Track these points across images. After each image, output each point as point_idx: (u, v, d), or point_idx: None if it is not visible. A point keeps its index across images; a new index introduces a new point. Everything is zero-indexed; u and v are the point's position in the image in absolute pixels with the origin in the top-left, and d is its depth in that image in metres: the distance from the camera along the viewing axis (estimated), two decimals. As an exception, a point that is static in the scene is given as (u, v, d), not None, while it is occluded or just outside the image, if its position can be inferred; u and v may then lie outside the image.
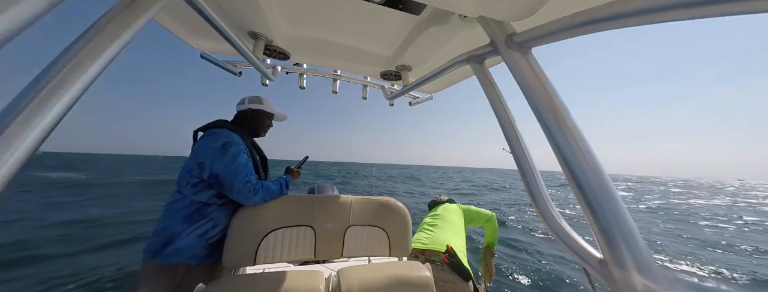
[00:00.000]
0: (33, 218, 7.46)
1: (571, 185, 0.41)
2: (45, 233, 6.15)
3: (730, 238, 8.95)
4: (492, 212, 2.31)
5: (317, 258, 1.49)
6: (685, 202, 19.97)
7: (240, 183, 1.23)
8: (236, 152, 1.27)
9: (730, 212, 15.51)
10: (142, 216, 8.12)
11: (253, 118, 1.53)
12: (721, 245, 7.97)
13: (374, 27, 1.02)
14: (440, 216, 2.18)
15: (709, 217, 13.37)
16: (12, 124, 0.29)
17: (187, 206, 1.25)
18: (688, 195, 26.99)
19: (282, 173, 1.68)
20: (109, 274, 4.18)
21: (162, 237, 1.20)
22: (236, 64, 1.52)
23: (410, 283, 1.30)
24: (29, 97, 0.31)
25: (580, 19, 0.43)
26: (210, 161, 1.22)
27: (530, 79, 0.51)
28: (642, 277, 0.33)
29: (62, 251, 5.15)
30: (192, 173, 1.26)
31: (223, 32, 0.82)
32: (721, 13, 0.28)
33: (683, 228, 10.18)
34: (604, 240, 0.37)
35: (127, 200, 10.93)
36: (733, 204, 20.81)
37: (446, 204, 2.40)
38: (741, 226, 11.48)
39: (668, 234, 9.04)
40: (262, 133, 1.59)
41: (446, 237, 1.93)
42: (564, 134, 0.44)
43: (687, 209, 15.74)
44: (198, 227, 1.24)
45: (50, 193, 12.37)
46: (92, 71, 0.37)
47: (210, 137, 1.29)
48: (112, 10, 0.42)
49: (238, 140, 1.33)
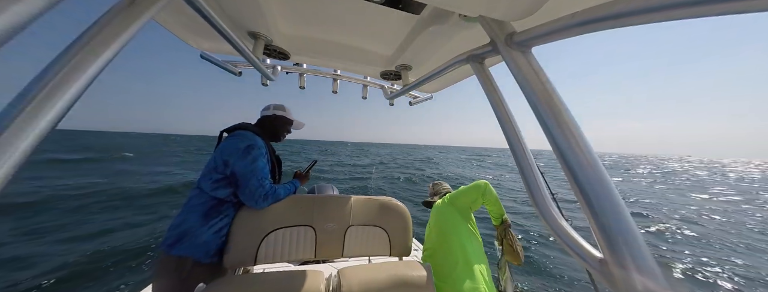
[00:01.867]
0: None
1: (571, 184, 0.41)
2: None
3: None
4: (480, 180, 1.83)
5: (318, 258, 1.49)
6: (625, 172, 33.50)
7: (253, 186, 1.29)
8: (257, 155, 1.35)
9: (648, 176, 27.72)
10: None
11: (275, 123, 1.65)
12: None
13: (374, 27, 1.02)
14: (436, 227, 1.77)
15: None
16: (12, 125, 0.29)
17: (205, 202, 1.30)
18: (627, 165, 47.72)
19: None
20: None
21: (178, 231, 1.25)
22: (236, 64, 1.52)
23: (410, 283, 1.30)
24: (29, 97, 0.31)
25: (580, 19, 0.42)
26: (233, 160, 1.30)
27: (530, 78, 0.51)
28: (642, 277, 0.33)
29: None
30: (217, 169, 1.33)
31: (223, 32, 0.82)
32: (720, 13, 0.28)
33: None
34: (604, 240, 0.37)
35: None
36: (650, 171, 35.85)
37: (436, 205, 1.91)
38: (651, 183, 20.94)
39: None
40: (281, 139, 1.71)
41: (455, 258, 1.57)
42: (564, 134, 0.44)
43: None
44: (214, 224, 1.29)
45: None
46: (92, 71, 0.37)
47: (236, 138, 1.38)
48: (112, 10, 0.42)
49: (261, 144, 1.41)
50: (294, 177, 1.68)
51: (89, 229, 5.84)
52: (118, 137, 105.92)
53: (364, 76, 1.83)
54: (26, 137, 0.30)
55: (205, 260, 1.26)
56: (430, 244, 1.74)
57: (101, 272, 4.18)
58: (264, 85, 1.77)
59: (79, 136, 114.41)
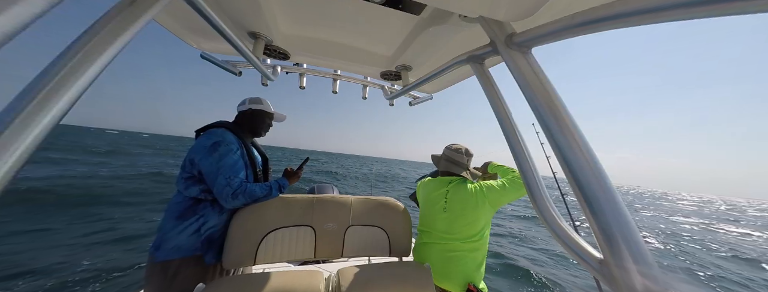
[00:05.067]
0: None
1: (571, 184, 0.41)
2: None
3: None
4: (515, 171, 1.53)
5: (317, 258, 1.49)
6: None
7: (220, 185, 1.25)
8: (225, 151, 1.30)
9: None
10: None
11: (253, 117, 1.58)
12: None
13: (374, 27, 1.02)
14: (459, 203, 1.45)
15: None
16: (12, 125, 0.29)
17: (180, 203, 1.29)
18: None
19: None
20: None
21: (159, 235, 1.24)
22: (236, 64, 1.52)
23: (410, 283, 1.30)
24: (29, 97, 0.31)
25: (580, 19, 0.43)
26: (198, 158, 1.28)
27: (530, 79, 0.51)
28: (642, 277, 0.33)
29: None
30: (185, 168, 1.31)
31: (223, 32, 0.82)
32: (721, 13, 0.28)
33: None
34: (604, 240, 0.37)
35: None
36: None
37: (456, 184, 1.52)
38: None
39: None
40: (263, 133, 1.64)
41: (466, 265, 1.41)
42: (564, 134, 0.44)
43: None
44: (190, 224, 1.26)
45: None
46: (92, 71, 0.37)
47: (205, 136, 1.35)
48: (112, 10, 0.42)
49: (231, 140, 1.36)
50: (283, 175, 1.60)
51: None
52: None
53: (364, 77, 1.83)
54: (27, 137, 0.30)
55: (188, 255, 1.24)
56: (422, 237, 1.60)
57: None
58: (264, 85, 1.77)
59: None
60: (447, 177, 1.60)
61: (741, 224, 20.53)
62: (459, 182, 1.54)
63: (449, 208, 1.49)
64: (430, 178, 1.72)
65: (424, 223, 1.62)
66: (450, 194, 1.51)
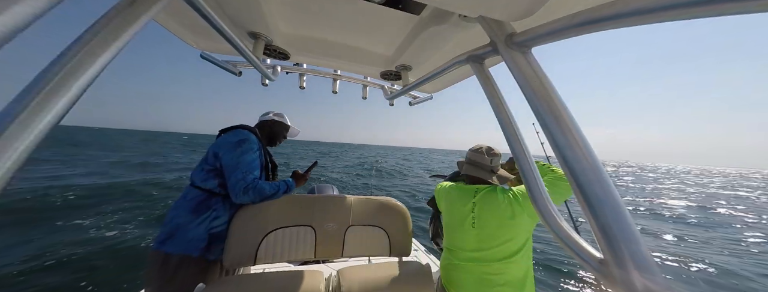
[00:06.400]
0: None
1: (572, 184, 0.41)
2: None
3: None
4: (559, 170, 1.29)
5: (317, 258, 1.49)
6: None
7: (236, 178, 1.31)
8: (247, 148, 1.39)
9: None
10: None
11: (273, 128, 1.76)
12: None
13: (374, 27, 1.02)
14: (495, 218, 1.23)
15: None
16: (12, 125, 0.29)
17: (195, 198, 1.33)
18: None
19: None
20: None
21: (169, 227, 1.27)
22: (236, 64, 1.52)
23: (410, 283, 1.30)
24: (29, 97, 0.31)
25: (580, 19, 0.42)
26: (223, 152, 1.36)
27: (530, 79, 0.51)
28: (642, 277, 0.33)
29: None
30: (207, 160, 1.39)
31: (223, 32, 0.82)
32: (720, 13, 0.28)
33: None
34: (604, 240, 0.37)
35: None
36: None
37: (484, 194, 1.28)
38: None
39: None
40: (277, 143, 1.82)
41: (509, 288, 1.20)
42: (564, 134, 0.44)
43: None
44: (204, 219, 1.30)
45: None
46: (92, 71, 0.37)
47: (231, 134, 1.45)
48: (112, 10, 0.41)
49: (254, 140, 1.46)
50: (291, 176, 1.65)
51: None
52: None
53: (364, 77, 1.83)
54: (27, 137, 0.30)
55: (195, 254, 1.27)
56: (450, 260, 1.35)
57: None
58: (264, 85, 1.77)
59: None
60: (472, 186, 1.35)
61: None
62: (487, 192, 1.28)
63: (479, 224, 1.25)
64: (450, 183, 1.51)
65: (450, 240, 1.38)
66: (478, 209, 1.27)
